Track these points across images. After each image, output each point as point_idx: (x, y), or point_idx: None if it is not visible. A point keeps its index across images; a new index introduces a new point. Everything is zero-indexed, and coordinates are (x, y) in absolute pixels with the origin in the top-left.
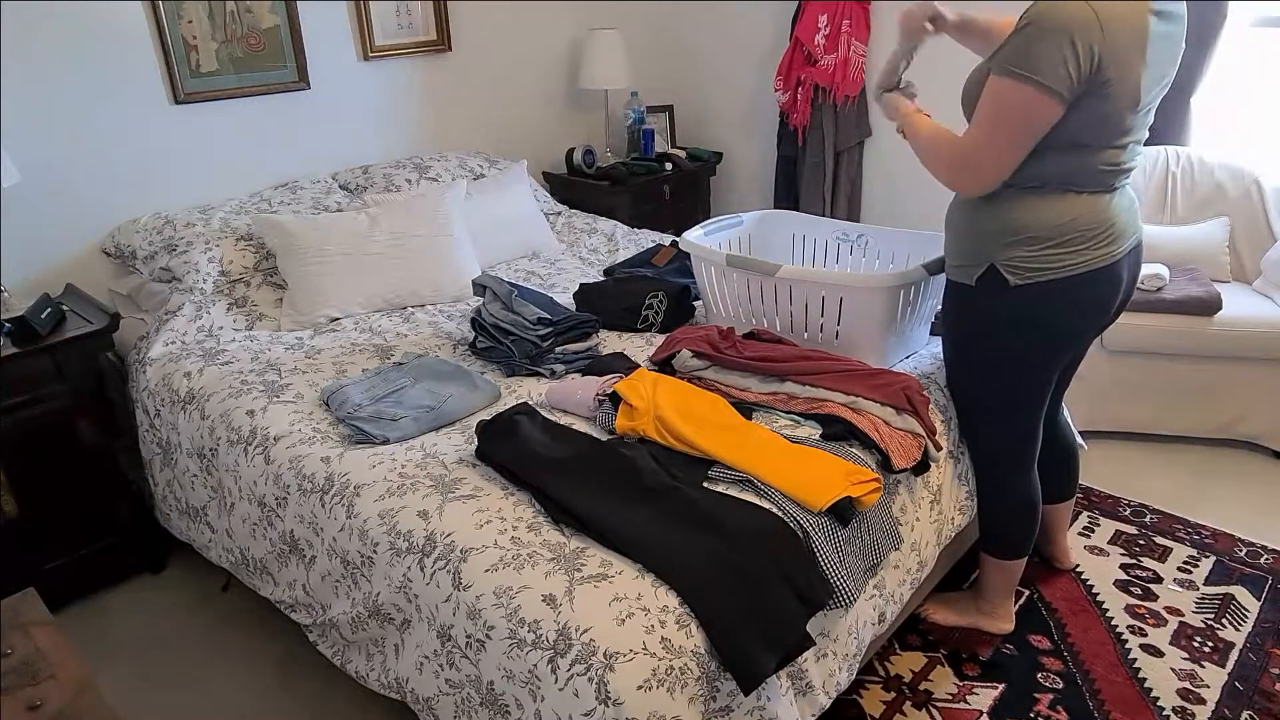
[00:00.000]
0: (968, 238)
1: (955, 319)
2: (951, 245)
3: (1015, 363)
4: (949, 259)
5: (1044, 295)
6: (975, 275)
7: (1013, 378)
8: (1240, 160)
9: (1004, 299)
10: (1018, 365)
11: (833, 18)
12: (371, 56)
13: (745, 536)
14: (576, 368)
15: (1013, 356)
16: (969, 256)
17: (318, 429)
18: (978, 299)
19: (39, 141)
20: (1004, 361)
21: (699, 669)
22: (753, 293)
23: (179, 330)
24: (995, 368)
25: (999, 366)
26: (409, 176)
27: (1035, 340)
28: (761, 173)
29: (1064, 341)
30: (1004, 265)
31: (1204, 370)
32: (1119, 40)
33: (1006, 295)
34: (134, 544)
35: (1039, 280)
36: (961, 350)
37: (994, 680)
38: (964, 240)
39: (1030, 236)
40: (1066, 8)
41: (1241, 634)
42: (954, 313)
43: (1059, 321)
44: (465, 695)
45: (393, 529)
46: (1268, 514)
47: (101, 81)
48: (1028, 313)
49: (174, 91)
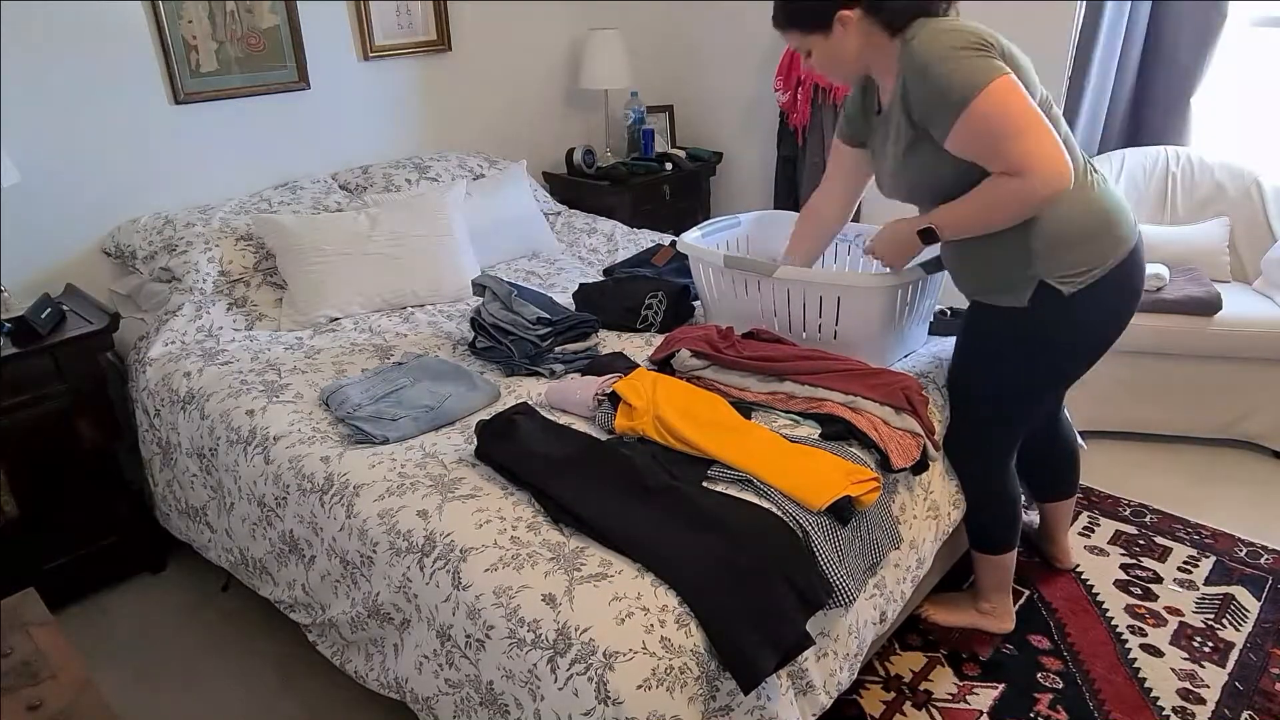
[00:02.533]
0: (1003, 265)
1: (997, 342)
2: (978, 280)
3: (1057, 370)
4: (979, 284)
5: (1098, 293)
6: (1026, 295)
7: (1043, 387)
8: (1240, 160)
9: (1060, 310)
10: (1050, 378)
11: None
12: (371, 56)
13: (745, 536)
14: (576, 368)
15: (1051, 369)
16: (1012, 281)
17: (317, 429)
18: (1030, 318)
19: (39, 141)
20: (1044, 372)
21: (699, 668)
22: (751, 293)
23: (179, 330)
24: (1030, 379)
25: (1035, 377)
26: (409, 176)
27: (1089, 343)
28: (761, 173)
29: (1115, 336)
30: (1055, 279)
31: (1204, 370)
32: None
33: (1062, 306)
34: (134, 544)
35: (1090, 281)
36: (996, 369)
37: (994, 680)
38: (997, 268)
39: (1066, 239)
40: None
41: (1241, 634)
42: (996, 335)
43: (1117, 314)
44: (465, 695)
45: (392, 529)
46: (1268, 514)
47: (101, 81)
48: (1087, 318)
49: (174, 91)
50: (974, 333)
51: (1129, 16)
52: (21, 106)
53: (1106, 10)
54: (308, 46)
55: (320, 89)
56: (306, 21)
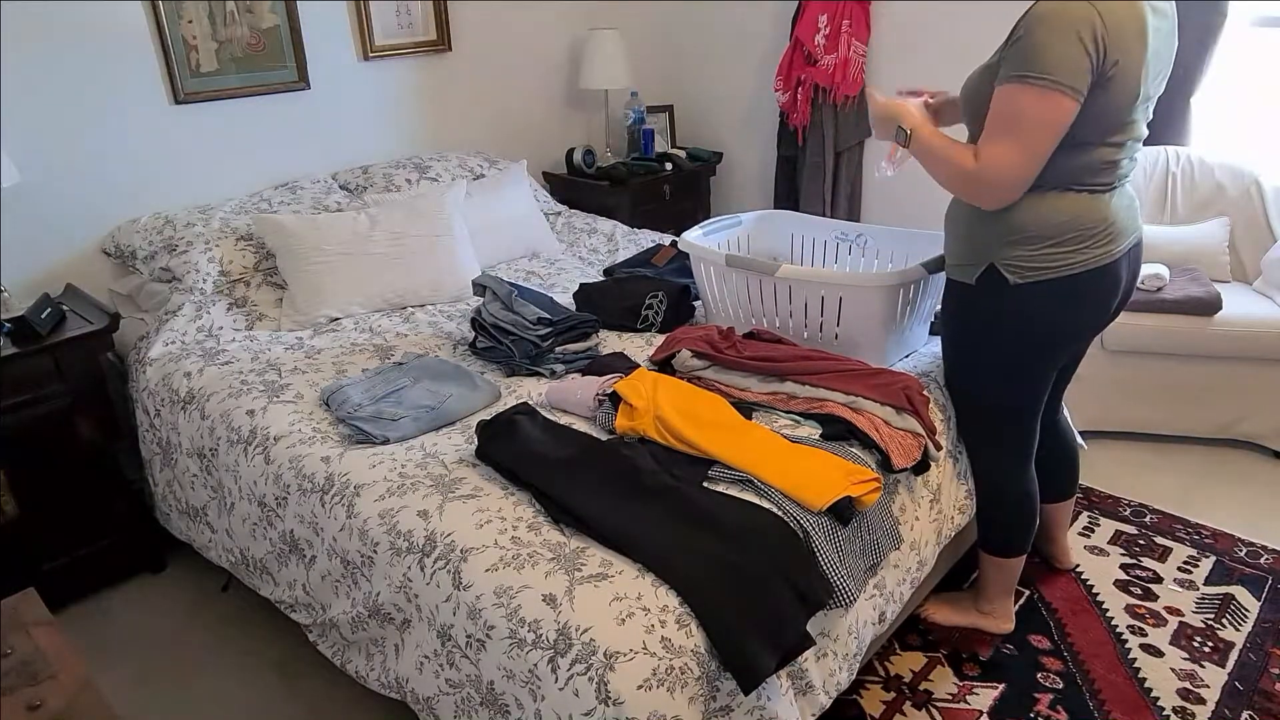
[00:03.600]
0: (967, 238)
1: (955, 318)
2: (951, 245)
3: (1014, 362)
4: (949, 258)
5: (1043, 294)
6: (975, 274)
7: (1011, 377)
8: (1240, 160)
9: (1004, 298)
10: (1016, 364)
11: (833, 18)
12: (371, 56)
13: (745, 536)
14: (576, 368)
15: (1012, 356)
16: (969, 256)
17: (318, 429)
18: (977, 298)
19: (39, 141)
20: (1003, 361)
21: (699, 668)
22: (752, 293)
23: (179, 330)
24: (994, 367)
25: (998, 366)
26: (409, 176)
27: (1034, 339)
28: (761, 173)
29: (1063, 340)
30: (1004, 265)
31: (1204, 370)
32: (1121, 29)
33: (1006, 294)
34: (134, 544)
35: (1039, 280)
36: (961, 350)
37: (994, 680)
38: (964, 240)
39: (1030, 236)
40: (1068, 6)
41: (1241, 634)
42: (954, 312)
43: (1058, 320)
44: (465, 695)
45: (393, 529)
46: (1268, 514)
47: (101, 81)
48: (1027, 311)
49: (174, 91)
50: (943, 310)
51: None
52: (21, 106)
53: None
54: (308, 46)
55: (320, 89)
56: (306, 21)
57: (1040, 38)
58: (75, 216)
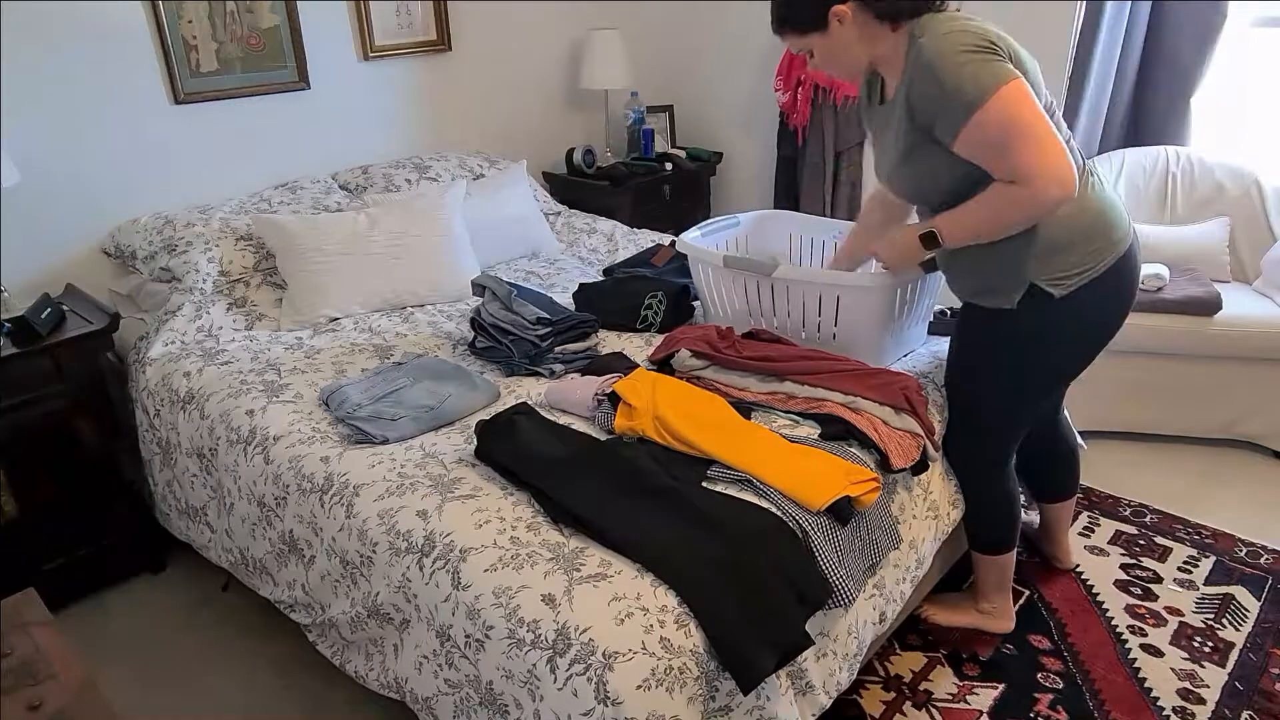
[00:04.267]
0: (994, 268)
1: (988, 342)
2: (972, 281)
3: (1050, 372)
4: (968, 293)
5: (1092, 295)
6: (1016, 298)
7: (1038, 387)
8: (1240, 160)
9: (1046, 313)
10: (1053, 374)
11: None
12: (371, 56)
13: (744, 536)
14: (576, 367)
15: (1049, 367)
16: (1002, 283)
17: (317, 429)
18: (1017, 321)
19: (39, 142)
20: (1037, 373)
21: (698, 668)
22: (750, 293)
23: (179, 330)
24: (1023, 379)
25: (1027, 378)
26: (409, 176)
27: (1085, 345)
28: (761, 173)
29: (1107, 336)
30: (1046, 281)
31: (1204, 370)
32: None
33: (1049, 310)
34: (134, 544)
35: (1083, 284)
36: (989, 370)
37: (994, 680)
38: (989, 269)
39: (1061, 243)
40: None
41: (1241, 634)
42: (986, 336)
43: (1108, 316)
44: (464, 695)
45: (392, 529)
46: (1268, 514)
47: (101, 81)
48: (1081, 318)
49: (174, 91)
50: (966, 335)
51: (1129, 17)
52: (21, 106)
53: (1106, 10)
54: (308, 46)
55: (320, 89)
56: (306, 21)
57: (950, 72)
58: (75, 216)
